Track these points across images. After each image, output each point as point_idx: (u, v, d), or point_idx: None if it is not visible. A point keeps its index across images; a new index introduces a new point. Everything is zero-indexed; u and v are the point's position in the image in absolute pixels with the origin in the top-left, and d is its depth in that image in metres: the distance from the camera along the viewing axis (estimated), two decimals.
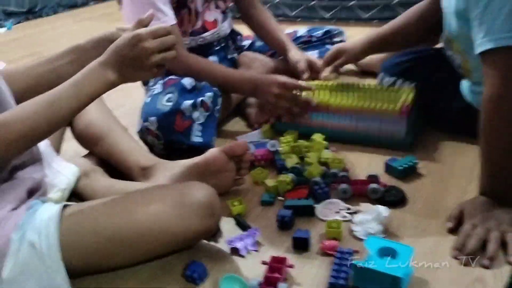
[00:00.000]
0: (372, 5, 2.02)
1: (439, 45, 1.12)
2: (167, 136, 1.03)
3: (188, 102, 1.05)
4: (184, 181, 0.83)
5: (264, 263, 0.70)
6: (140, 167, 0.92)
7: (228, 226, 0.81)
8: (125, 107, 1.36)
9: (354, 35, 1.84)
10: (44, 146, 0.84)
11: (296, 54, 1.26)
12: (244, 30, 1.44)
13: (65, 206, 0.69)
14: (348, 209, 0.82)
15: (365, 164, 0.96)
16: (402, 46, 1.15)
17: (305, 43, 1.41)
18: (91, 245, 0.66)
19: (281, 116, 1.10)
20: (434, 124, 1.05)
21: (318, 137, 1.00)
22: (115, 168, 0.96)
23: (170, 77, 1.12)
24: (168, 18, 1.12)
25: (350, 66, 1.43)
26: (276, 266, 0.68)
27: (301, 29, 1.47)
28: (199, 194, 0.69)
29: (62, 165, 0.89)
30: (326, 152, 0.95)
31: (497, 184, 0.73)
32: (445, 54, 1.01)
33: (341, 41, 1.43)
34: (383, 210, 0.75)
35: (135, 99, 1.30)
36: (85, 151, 1.02)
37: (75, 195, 0.90)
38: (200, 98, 1.07)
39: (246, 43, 1.44)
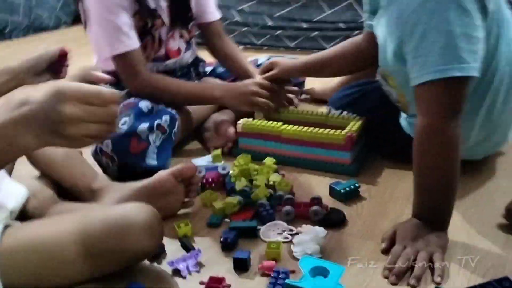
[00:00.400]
0: (333, 36, 2.10)
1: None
2: (121, 158, 1.05)
3: (144, 125, 1.07)
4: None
5: (201, 283, 0.72)
6: (90, 189, 0.93)
7: (173, 247, 0.83)
8: None
9: None
10: None
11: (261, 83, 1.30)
12: (206, 56, 1.48)
13: (7, 227, 0.70)
14: (291, 230, 0.85)
15: (311, 186, 0.99)
16: (335, 73, 1.22)
17: None
18: (29, 264, 0.67)
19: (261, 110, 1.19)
20: (379, 152, 1.10)
21: (269, 161, 1.04)
22: (66, 190, 0.97)
23: (128, 100, 1.14)
24: (131, 42, 1.15)
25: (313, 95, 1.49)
26: (214, 286, 0.70)
27: (262, 57, 1.52)
28: (139, 216, 0.71)
29: (12, 186, 0.90)
30: (275, 176, 0.99)
31: (427, 208, 0.78)
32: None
33: None
34: (320, 231, 0.79)
35: None
36: (38, 173, 1.02)
37: (26, 217, 0.91)
38: (157, 121, 1.09)
39: (208, 69, 1.48)
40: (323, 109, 1.23)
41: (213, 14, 1.38)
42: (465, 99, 0.77)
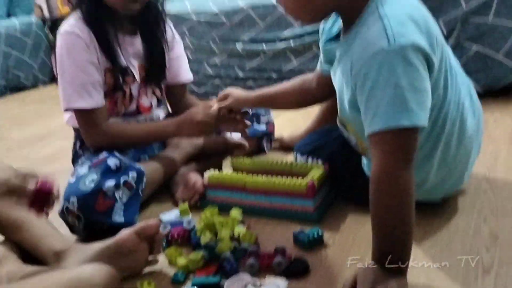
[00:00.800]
0: None
1: None
2: (88, 216, 1.05)
3: (110, 183, 1.08)
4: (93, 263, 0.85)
5: None
6: (54, 252, 0.93)
7: None
8: None
9: (282, 114, 1.97)
10: None
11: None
12: None
13: None
14: (255, 283, 0.85)
15: (276, 236, 1.00)
16: (285, 107, 1.28)
17: None
18: None
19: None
20: (343, 196, 1.12)
21: (235, 212, 1.05)
22: (29, 253, 0.96)
23: (97, 157, 1.16)
24: (92, 100, 1.19)
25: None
26: None
27: None
28: (95, 277, 0.70)
29: None
30: (239, 227, 0.99)
31: (384, 253, 0.78)
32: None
33: (268, 122, 1.53)
34: (281, 283, 0.79)
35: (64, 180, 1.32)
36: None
37: None
38: (124, 178, 1.11)
39: None
40: (290, 157, 1.26)
41: (184, 76, 1.43)
42: (415, 148, 0.80)
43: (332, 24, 1.02)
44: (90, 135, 1.23)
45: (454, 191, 1.05)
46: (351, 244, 0.95)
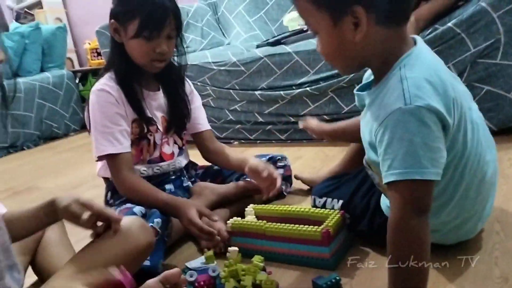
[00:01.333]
0: None
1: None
2: None
3: None
4: None
5: None
6: None
7: None
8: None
9: (307, 153, 2.04)
10: None
11: (256, 161, 1.41)
12: (199, 160, 1.61)
13: None
14: None
15: (296, 282, 1.06)
16: (356, 141, 1.29)
17: None
18: None
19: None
20: (360, 236, 1.17)
21: (257, 259, 1.11)
22: None
23: (125, 205, 1.25)
24: (120, 146, 1.31)
25: (298, 185, 1.60)
26: None
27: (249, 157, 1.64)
28: None
29: None
30: (261, 275, 1.05)
31: None
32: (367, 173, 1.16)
33: (284, 166, 1.61)
34: None
35: None
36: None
37: None
38: (149, 224, 1.19)
39: (200, 171, 1.61)
40: (308, 200, 1.33)
41: (203, 125, 1.54)
42: (430, 198, 0.85)
43: (371, 73, 1.06)
44: (116, 179, 1.32)
45: (469, 237, 1.08)
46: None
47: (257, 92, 2.34)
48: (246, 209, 1.33)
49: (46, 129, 3.39)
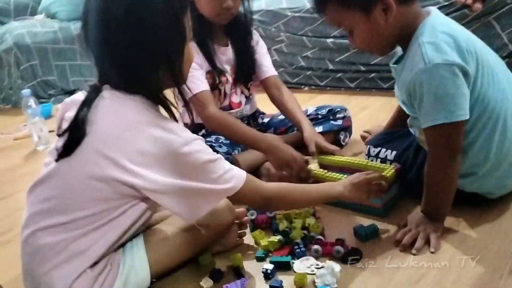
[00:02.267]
0: (390, 77, 2.28)
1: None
2: None
3: None
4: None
5: None
6: None
7: (229, 274, 1.11)
8: None
9: (375, 103, 2.11)
10: None
11: (308, 135, 1.53)
12: (266, 108, 1.77)
13: None
14: (317, 265, 1.09)
15: (340, 229, 1.22)
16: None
17: (313, 120, 1.69)
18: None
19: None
20: (408, 190, 1.29)
21: None
22: None
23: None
24: (203, 85, 1.50)
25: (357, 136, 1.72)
26: None
27: (310, 108, 1.77)
28: None
29: None
30: (310, 219, 1.23)
31: (430, 207, 1.11)
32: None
33: (344, 117, 1.72)
34: (335, 266, 1.01)
35: None
36: None
37: None
38: None
39: (266, 120, 1.78)
40: (363, 154, 1.46)
41: (267, 72, 1.67)
42: (459, 139, 1.06)
43: (400, 49, 1.22)
44: (202, 113, 1.48)
45: (506, 183, 1.17)
46: None
47: (329, 40, 2.40)
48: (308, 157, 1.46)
49: None
